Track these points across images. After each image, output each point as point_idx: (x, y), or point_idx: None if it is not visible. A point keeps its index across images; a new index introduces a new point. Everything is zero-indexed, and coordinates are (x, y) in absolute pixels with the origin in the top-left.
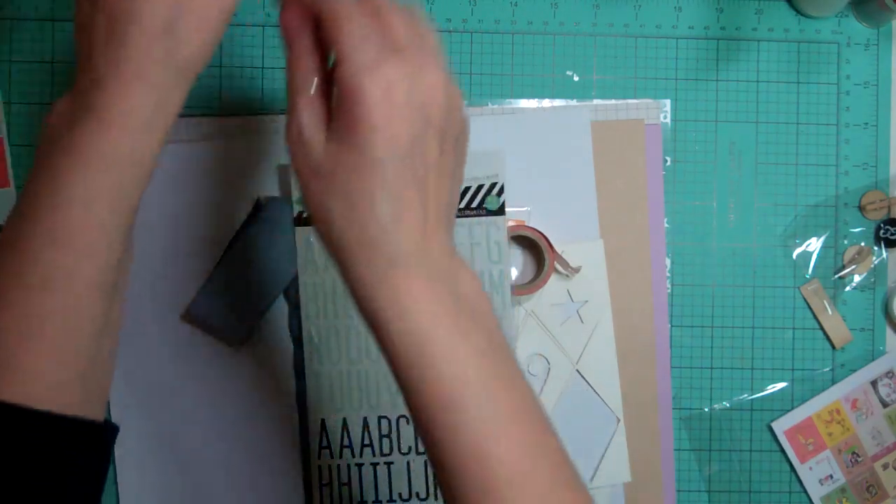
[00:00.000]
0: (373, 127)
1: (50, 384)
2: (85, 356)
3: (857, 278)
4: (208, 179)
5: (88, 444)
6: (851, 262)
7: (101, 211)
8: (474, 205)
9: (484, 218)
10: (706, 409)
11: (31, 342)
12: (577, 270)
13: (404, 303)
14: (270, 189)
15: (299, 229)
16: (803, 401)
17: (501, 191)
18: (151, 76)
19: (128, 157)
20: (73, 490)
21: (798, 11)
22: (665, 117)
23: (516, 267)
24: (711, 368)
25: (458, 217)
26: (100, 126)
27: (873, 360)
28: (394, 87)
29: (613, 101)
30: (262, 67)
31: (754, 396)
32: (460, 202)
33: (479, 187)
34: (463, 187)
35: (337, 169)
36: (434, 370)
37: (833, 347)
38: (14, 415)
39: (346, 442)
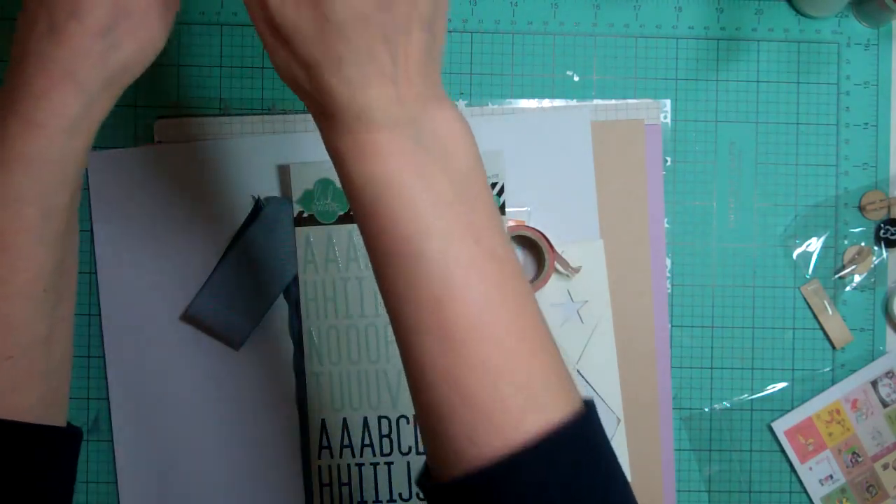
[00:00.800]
0: None
1: None
2: (32, 362)
3: (857, 278)
4: (208, 179)
5: (42, 449)
6: (851, 262)
7: (29, 215)
8: None
9: None
10: (706, 409)
11: None
12: (577, 270)
13: (366, 150)
14: (270, 189)
15: (299, 229)
16: (803, 401)
17: (502, 191)
18: (82, 78)
19: (52, 161)
20: (29, 498)
21: (798, 11)
22: (665, 117)
23: None
24: (711, 368)
25: None
26: (25, 127)
27: (873, 360)
28: None
29: (613, 101)
30: (263, 67)
31: (754, 396)
32: None
33: None
34: None
35: (299, 35)
36: (391, 217)
37: (833, 347)
38: None
39: (346, 442)
